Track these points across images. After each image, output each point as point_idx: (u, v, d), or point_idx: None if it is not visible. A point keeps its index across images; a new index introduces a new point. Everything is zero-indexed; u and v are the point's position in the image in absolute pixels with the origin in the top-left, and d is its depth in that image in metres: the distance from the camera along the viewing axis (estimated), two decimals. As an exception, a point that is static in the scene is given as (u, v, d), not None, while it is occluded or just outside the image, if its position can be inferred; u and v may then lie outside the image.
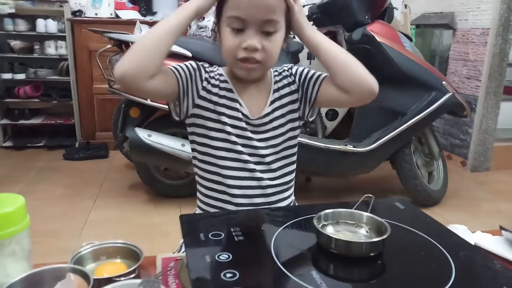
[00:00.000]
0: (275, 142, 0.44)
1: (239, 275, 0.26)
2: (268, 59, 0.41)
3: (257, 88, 0.45)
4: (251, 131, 0.43)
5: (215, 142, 0.43)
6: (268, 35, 0.40)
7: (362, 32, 1.10)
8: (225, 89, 0.43)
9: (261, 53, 0.40)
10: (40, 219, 1.06)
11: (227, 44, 0.41)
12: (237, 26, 0.40)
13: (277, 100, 0.44)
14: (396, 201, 0.39)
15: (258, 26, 0.39)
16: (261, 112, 0.44)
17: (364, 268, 0.29)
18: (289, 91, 0.45)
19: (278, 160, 0.44)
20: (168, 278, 0.32)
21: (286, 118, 0.44)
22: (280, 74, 0.46)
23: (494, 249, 0.39)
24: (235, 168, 0.43)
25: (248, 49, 0.40)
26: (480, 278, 0.28)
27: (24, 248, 0.32)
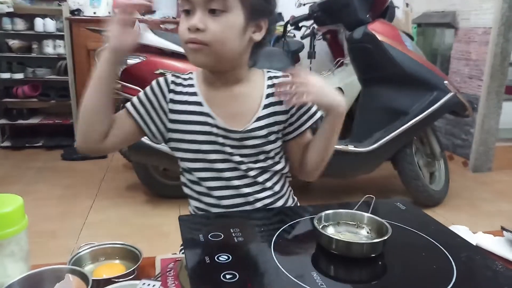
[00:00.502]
0: (258, 157, 0.41)
1: (239, 276, 0.26)
2: (216, 42, 0.36)
3: (241, 97, 0.40)
4: (230, 145, 0.40)
5: (195, 163, 0.40)
6: (215, 15, 0.36)
7: (363, 31, 1.10)
8: (193, 103, 0.40)
9: (205, 34, 0.36)
10: (38, 219, 1.05)
11: (179, 28, 0.38)
12: (185, 7, 0.37)
13: (267, 118, 0.40)
14: (397, 202, 0.39)
15: (203, 5, 0.36)
16: (244, 126, 0.40)
17: (365, 269, 0.29)
18: (280, 109, 0.41)
19: (264, 172, 0.41)
20: (168, 279, 0.32)
21: (272, 134, 0.41)
22: (273, 86, 0.41)
23: (495, 249, 0.38)
24: (220, 187, 0.40)
25: (191, 29, 0.36)
26: (482, 279, 0.28)
27: (23, 249, 0.32)
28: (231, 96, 0.41)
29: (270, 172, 0.42)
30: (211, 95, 0.41)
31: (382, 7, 1.17)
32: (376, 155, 1.14)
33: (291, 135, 0.42)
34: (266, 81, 0.42)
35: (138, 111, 0.40)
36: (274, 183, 0.43)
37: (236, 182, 0.41)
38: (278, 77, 0.42)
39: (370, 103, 1.20)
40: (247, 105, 0.41)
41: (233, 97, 0.41)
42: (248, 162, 0.41)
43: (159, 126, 0.41)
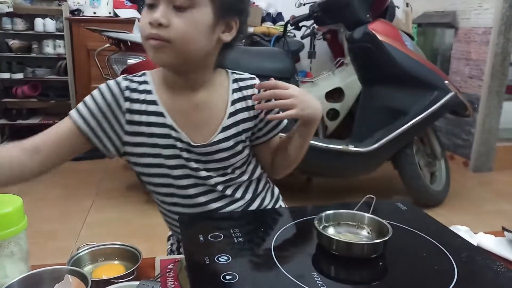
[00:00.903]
0: (226, 171, 0.37)
1: (238, 277, 0.26)
2: (180, 40, 0.33)
3: (205, 105, 0.36)
4: (195, 160, 0.36)
5: (157, 179, 0.37)
6: (181, 11, 0.33)
7: (363, 31, 1.09)
8: (153, 113, 0.35)
9: (168, 30, 0.32)
10: (38, 220, 1.05)
11: (141, 23, 0.34)
12: (148, 1, 0.33)
13: (233, 127, 0.37)
14: (398, 202, 0.39)
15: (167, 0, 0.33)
16: (209, 139, 0.36)
17: (365, 270, 0.29)
18: (247, 116, 0.38)
19: (233, 185, 0.38)
20: (167, 280, 0.31)
21: (239, 144, 0.37)
22: (240, 90, 0.38)
23: (496, 250, 0.38)
24: (184, 205, 0.37)
25: (152, 24, 0.33)
26: (483, 280, 0.28)
27: (22, 249, 0.32)
28: (194, 104, 0.37)
29: (238, 183, 0.39)
30: (172, 103, 0.36)
31: (382, 7, 1.17)
32: (377, 155, 1.14)
33: (260, 140, 0.40)
34: (231, 84, 0.38)
35: (87, 123, 0.35)
36: (244, 191, 0.40)
37: (202, 199, 0.37)
38: (244, 80, 0.39)
39: (371, 103, 1.20)
40: (211, 114, 0.37)
41: (196, 105, 0.37)
42: (216, 176, 0.37)
43: (114, 140, 0.36)
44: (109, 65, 1.15)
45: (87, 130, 0.35)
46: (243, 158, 0.39)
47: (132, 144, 0.37)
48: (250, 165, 0.41)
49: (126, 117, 0.36)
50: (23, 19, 1.65)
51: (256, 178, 0.41)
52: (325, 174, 1.27)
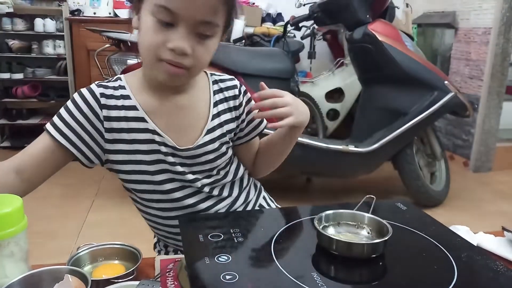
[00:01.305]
0: (212, 172, 0.37)
1: (238, 277, 0.25)
2: (197, 67, 0.33)
3: (188, 108, 0.36)
4: (181, 163, 0.35)
5: (140, 185, 0.36)
6: (202, 38, 0.32)
7: (363, 31, 1.10)
8: (134, 118, 0.34)
9: (190, 59, 0.32)
10: (38, 220, 1.05)
11: (150, 38, 0.31)
12: (164, 19, 0.30)
13: (218, 128, 0.36)
14: (398, 202, 0.39)
15: (192, 25, 0.31)
16: (195, 142, 0.35)
17: (365, 270, 0.29)
18: (230, 117, 0.38)
19: (218, 186, 0.38)
20: (167, 280, 0.31)
21: (224, 145, 0.37)
22: (221, 92, 0.37)
23: (496, 250, 0.38)
24: (172, 209, 0.36)
25: (176, 51, 0.31)
26: (483, 280, 0.28)
27: (22, 249, 0.32)
28: (176, 107, 0.35)
29: (224, 183, 0.39)
30: (153, 106, 0.35)
31: (382, 7, 1.17)
32: (377, 155, 1.14)
33: (242, 140, 0.40)
34: (211, 86, 0.38)
35: (66, 137, 0.34)
36: (230, 189, 0.40)
37: (190, 201, 0.37)
38: (224, 81, 0.38)
39: (371, 103, 1.20)
40: (194, 116, 0.36)
41: (179, 108, 0.36)
42: (202, 178, 0.37)
43: (95, 150, 0.35)
44: (109, 65, 1.14)
45: (67, 144, 0.34)
46: (227, 159, 0.39)
47: (113, 151, 0.36)
48: (233, 165, 0.40)
49: (105, 125, 0.35)
50: (23, 20, 1.65)
51: (239, 178, 0.41)
52: (325, 174, 1.27)
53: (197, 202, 0.38)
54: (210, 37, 0.33)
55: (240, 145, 0.41)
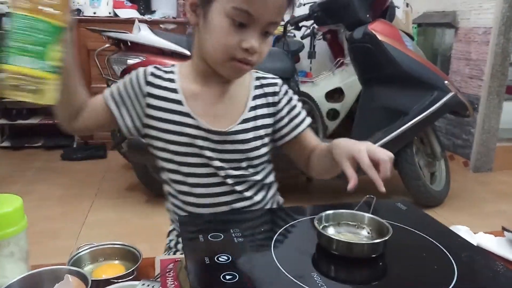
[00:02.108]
0: (240, 164, 0.38)
1: (238, 277, 0.25)
2: (259, 62, 0.36)
3: (227, 97, 0.38)
4: (210, 148, 0.37)
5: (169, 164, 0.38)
6: (266, 36, 0.35)
7: (363, 31, 1.10)
8: (172, 100, 0.37)
9: (257, 55, 0.35)
10: (38, 220, 1.05)
11: (224, 39, 0.34)
12: (241, 20, 0.33)
13: (252, 120, 0.38)
14: (398, 202, 0.39)
15: (264, 26, 0.34)
16: (228, 127, 0.37)
17: (365, 270, 0.29)
18: (267, 112, 0.39)
19: (243, 182, 0.38)
20: (167, 280, 0.31)
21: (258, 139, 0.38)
22: (261, 87, 0.39)
23: (496, 250, 0.38)
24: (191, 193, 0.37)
25: (250, 51, 0.34)
26: (483, 280, 0.28)
27: (22, 249, 0.32)
28: (217, 95, 0.38)
29: (249, 182, 0.39)
30: (194, 93, 0.38)
31: (382, 7, 1.17)
32: (377, 155, 1.16)
33: (286, 138, 0.41)
34: (253, 81, 0.40)
35: (115, 100, 0.38)
36: (255, 193, 0.40)
37: (211, 190, 0.38)
38: (266, 78, 0.41)
39: (371, 103, 1.20)
40: (232, 106, 0.39)
41: (219, 96, 0.38)
42: (228, 168, 0.38)
43: (134, 120, 0.38)
44: (109, 65, 1.14)
45: (113, 107, 0.38)
46: (259, 157, 0.39)
47: (150, 126, 0.39)
48: (265, 168, 0.41)
49: (146, 101, 0.38)
50: (23, 19, 1.67)
51: (268, 184, 0.41)
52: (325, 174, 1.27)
53: (218, 194, 0.39)
54: (271, 35, 0.36)
55: (287, 143, 0.41)
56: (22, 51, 0.27)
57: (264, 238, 0.32)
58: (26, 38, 0.27)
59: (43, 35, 0.28)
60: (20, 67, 0.27)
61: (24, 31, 0.27)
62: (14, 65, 0.27)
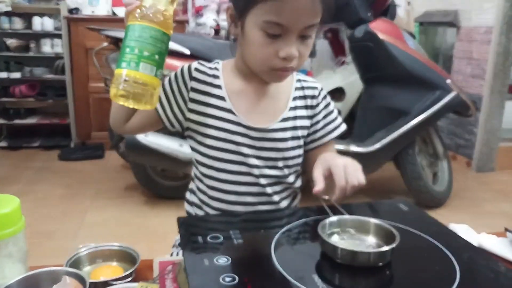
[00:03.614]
0: (277, 163, 0.39)
1: (238, 279, 0.25)
2: (301, 64, 0.37)
3: (269, 95, 0.39)
4: (248, 145, 0.38)
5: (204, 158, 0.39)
6: (305, 39, 0.35)
7: (364, 30, 1.09)
8: (216, 96, 0.39)
9: (297, 59, 0.36)
10: (36, 220, 1.05)
11: (261, 51, 0.35)
12: (274, 32, 0.34)
13: (292, 120, 0.39)
14: (400, 203, 0.39)
15: (299, 31, 0.34)
16: (267, 124, 0.38)
17: (367, 272, 0.28)
18: (305, 114, 0.40)
19: (276, 184, 0.39)
20: (166, 282, 0.31)
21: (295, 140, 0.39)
22: (302, 89, 0.41)
23: (498, 251, 0.38)
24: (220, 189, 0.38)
25: (287, 59, 0.35)
26: (485, 280, 0.28)
27: (21, 250, 0.32)
28: (259, 93, 0.39)
29: (282, 184, 0.40)
30: (237, 89, 0.39)
31: (383, 5, 1.16)
32: (378, 155, 1.14)
33: (316, 143, 0.41)
34: (294, 83, 0.41)
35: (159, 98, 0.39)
36: (283, 198, 0.41)
37: (241, 188, 0.39)
38: (307, 81, 0.42)
39: (372, 102, 1.19)
40: (272, 105, 0.40)
41: (261, 94, 0.39)
42: (263, 166, 0.39)
43: (177, 114, 0.39)
44: (107, 64, 1.13)
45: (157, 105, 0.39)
46: (294, 157, 0.40)
47: (191, 121, 0.40)
48: (297, 171, 0.42)
49: (190, 95, 0.39)
50: (21, 18, 1.64)
51: (296, 189, 0.42)
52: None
53: (246, 193, 0.39)
54: (310, 37, 0.36)
55: (314, 150, 0.41)
56: (146, 59, 0.29)
57: (264, 240, 0.31)
58: (149, 47, 0.29)
59: (161, 44, 0.30)
60: (143, 74, 0.29)
61: (146, 40, 0.29)
62: (137, 71, 0.29)
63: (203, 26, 1.43)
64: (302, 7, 0.33)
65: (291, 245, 0.31)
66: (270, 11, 0.33)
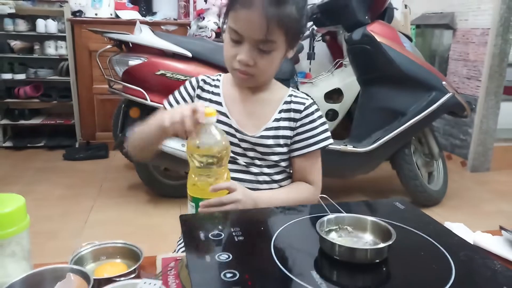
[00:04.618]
0: (261, 163, 0.44)
1: (239, 275, 0.26)
2: (261, 75, 0.42)
3: (259, 103, 0.44)
4: (237, 145, 0.43)
5: None
6: (264, 53, 0.40)
7: (362, 32, 1.10)
8: (215, 102, 0.45)
9: (253, 68, 0.41)
10: (40, 219, 1.05)
11: (225, 52, 0.42)
12: (234, 38, 0.40)
13: (274, 130, 0.44)
14: (396, 202, 0.39)
15: (253, 43, 0.40)
16: (254, 132, 0.44)
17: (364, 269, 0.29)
18: (288, 125, 0.45)
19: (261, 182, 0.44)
20: (168, 278, 0.32)
21: (278, 147, 0.44)
22: (290, 103, 0.45)
23: (494, 249, 0.39)
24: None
25: (241, 63, 0.41)
26: (480, 278, 0.28)
27: (24, 248, 0.32)
28: (250, 100, 0.45)
29: (267, 183, 0.44)
30: (232, 96, 0.45)
31: (380, 8, 1.18)
32: (375, 155, 1.15)
33: (297, 152, 0.45)
34: (286, 97, 0.45)
35: (171, 106, 0.45)
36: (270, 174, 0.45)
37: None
38: (297, 96, 0.46)
39: (369, 103, 1.20)
40: (261, 113, 0.45)
41: (251, 102, 0.45)
42: (249, 164, 0.44)
43: None
44: (110, 66, 1.14)
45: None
46: (277, 160, 0.44)
47: None
48: (282, 173, 0.46)
49: (195, 101, 0.46)
50: (25, 20, 1.65)
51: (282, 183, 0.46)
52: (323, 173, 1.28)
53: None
54: (270, 52, 0.41)
55: (295, 158, 0.45)
56: None
57: (264, 237, 0.32)
58: None
59: None
60: None
61: None
62: None
63: (204, 29, 1.45)
64: (254, 22, 0.38)
65: (290, 243, 0.31)
66: (233, 19, 0.40)
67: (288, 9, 0.39)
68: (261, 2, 0.38)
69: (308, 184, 0.46)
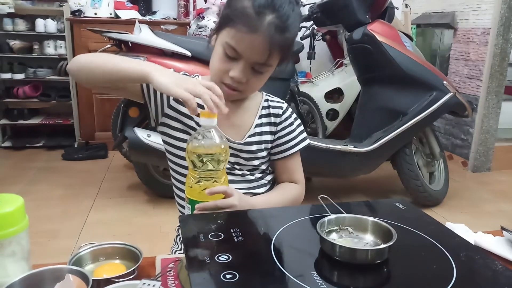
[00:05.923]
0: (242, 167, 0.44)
1: (239, 276, 0.26)
2: (249, 91, 0.43)
3: (240, 111, 0.44)
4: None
5: (178, 159, 0.44)
6: (257, 73, 0.41)
7: (362, 32, 1.10)
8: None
9: (244, 85, 0.41)
10: (39, 219, 1.05)
11: (216, 65, 0.41)
12: (230, 55, 0.40)
13: (257, 136, 0.44)
14: (397, 202, 0.39)
15: (250, 63, 0.40)
16: (236, 139, 0.43)
17: (364, 270, 0.29)
18: (269, 130, 0.45)
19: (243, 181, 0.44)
20: (168, 279, 0.32)
21: (261, 152, 0.44)
22: (268, 108, 0.45)
23: (495, 249, 0.39)
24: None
25: (234, 79, 0.40)
26: (482, 279, 0.28)
27: (24, 249, 0.32)
28: (229, 107, 0.42)
29: (249, 182, 0.44)
30: None
31: (381, 7, 1.17)
32: (376, 155, 1.15)
33: (279, 155, 0.46)
34: (262, 102, 0.46)
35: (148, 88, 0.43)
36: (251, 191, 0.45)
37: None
38: (274, 101, 0.47)
39: (370, 103, 1.20)
40: (242, 121, 0.45)
41: (231, 110, 0.43)
42: (231, 168, 0.43)
43: (158, 108, 0.43)
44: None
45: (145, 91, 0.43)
46: (258, 164, 0.45)
47: (171, 117, 0.44)
48: (264, 171, 0.46)
49: (170, 102, 0.43)
50: (24, 20, 1.65)
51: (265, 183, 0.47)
52: (324, 174, 1.28)
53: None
54: (263, 72, 0.41)
55: (277, 161, 0.46)
56: None
57: (264, 238, 0.32)
58: None
59: None
60: None
61: None
62: None
63: (204, 28, 1.44)
64: (257, 46, 0.38)
65: (290, 243, 0.31)
66: (233, 36, 0.39)
67: (289, 36, 0.39)
68: (267, 29, 0.37)
69: (294, 183, 0.46)
